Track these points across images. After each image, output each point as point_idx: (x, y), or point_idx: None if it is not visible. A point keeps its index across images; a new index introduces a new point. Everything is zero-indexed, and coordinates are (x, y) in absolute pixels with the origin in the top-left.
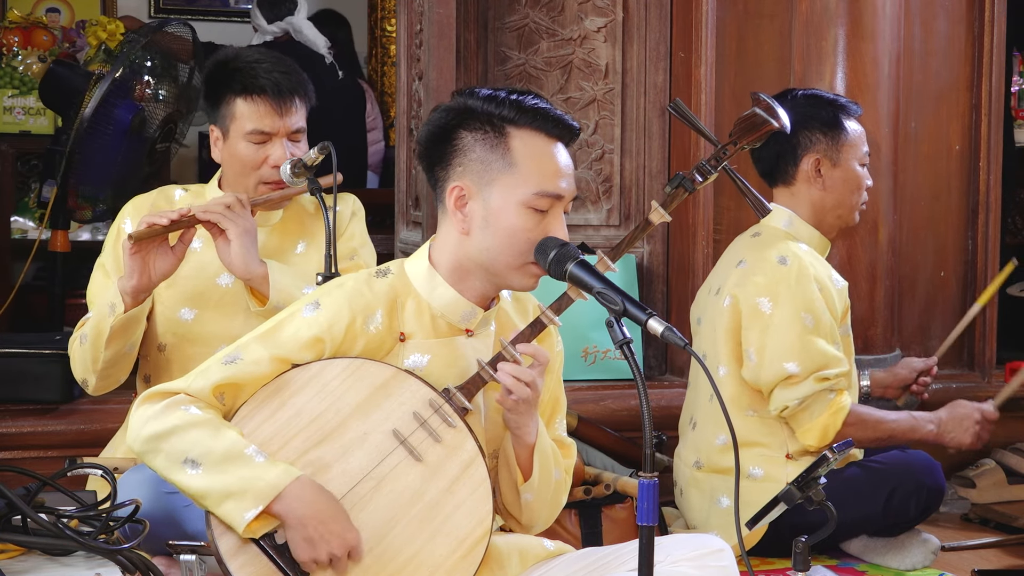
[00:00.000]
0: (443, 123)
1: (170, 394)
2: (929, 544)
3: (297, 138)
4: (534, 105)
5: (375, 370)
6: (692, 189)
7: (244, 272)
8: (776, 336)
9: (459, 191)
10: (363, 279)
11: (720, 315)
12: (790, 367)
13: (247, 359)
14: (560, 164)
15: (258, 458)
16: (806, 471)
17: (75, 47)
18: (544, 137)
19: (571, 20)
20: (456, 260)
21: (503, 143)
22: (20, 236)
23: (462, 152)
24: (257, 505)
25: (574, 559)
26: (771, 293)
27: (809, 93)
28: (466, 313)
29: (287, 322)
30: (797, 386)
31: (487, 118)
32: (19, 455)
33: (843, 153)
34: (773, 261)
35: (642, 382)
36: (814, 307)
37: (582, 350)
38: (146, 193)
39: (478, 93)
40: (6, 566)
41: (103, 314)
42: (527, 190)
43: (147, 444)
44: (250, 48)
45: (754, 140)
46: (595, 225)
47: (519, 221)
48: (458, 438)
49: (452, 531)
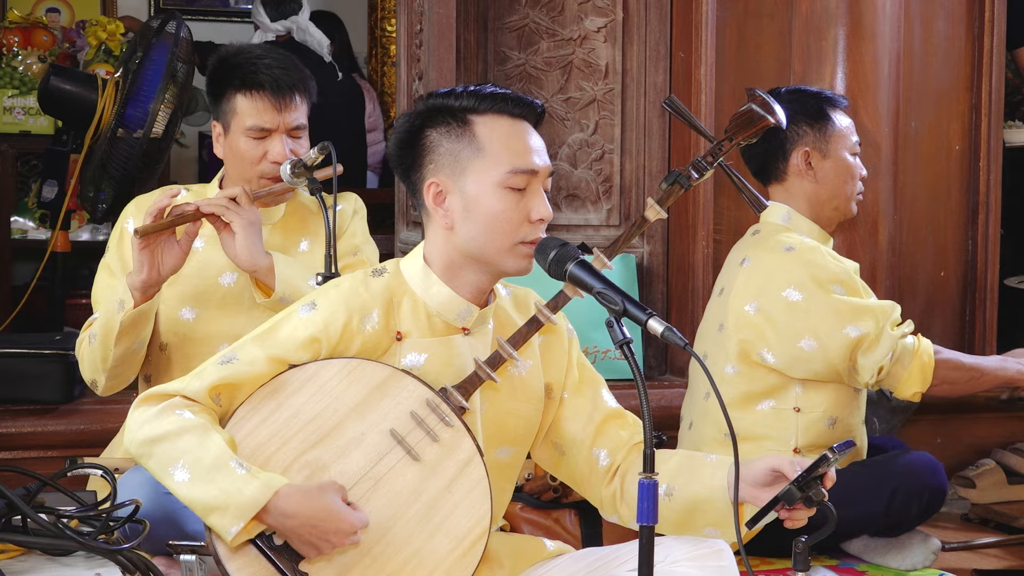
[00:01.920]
0: (408, 127)
1: (167, 396)
2: (929, 544)
3: (297, 134)
4: (491, 91)
5: (372, 370)
6: (688, 186)
7: (250, 264)
8: (822, 313)
9: (435, 187)
10: (359, 279)
11: (737, 317)
12: (852, 331)
13: (243, 359)
14: (528, 141)
15: (239, 471)
16: (806, 471)
17: (75, 47)
18: (507, 118)
19: (571, 20)
20: (447, 257)
21: (468, 131)
22: (20, 236)
23: (431, 150)
24: (239, 521)
25: (574, 559)
26: (793, 281)
27: (793, 88)
28: (462, 311)
29: (283, 323)
30: (877, 344)
31: (449, 112)
32: (19, 455)
33: (832, 144)
34: (780, 252)
35: (642, 382)
36: (838, 277)
37: (582, 350)
38: (147, 193)
39: (436, 93)
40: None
41: (112, 311)
42: (499, 170)
43: (142, 448)
44: (254, 44)
45: (750, 136)
46: (595, 225)
47: (498, 204)
48: (456, 437)
49: (451, 530)
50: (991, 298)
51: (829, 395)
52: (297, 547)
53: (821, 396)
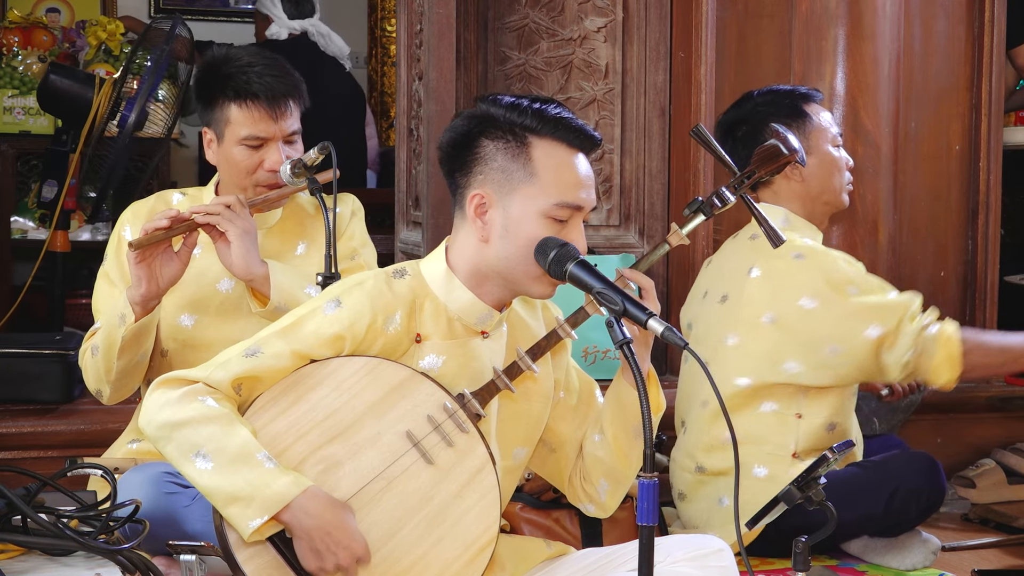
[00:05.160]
0: (465, 130)
1: (189, 382)
2: (929, 544)
3: (292, 140)
4: (556, 115)
5: (392, 370)
6: (711, 215)
7: (245, 273)
8: (840, 318)
9: (480, 199)
10: (382, 279)
11: (753, 330)
12: (872, 332)
13: (268, 352)
14: (580, 175)
15: (268, 464)
16: (806, 471)
17: (75, 47)
18: (565, 147)
19: (571, 20)
20: (474, 266)
21: (524, 153)
22: (20, 236)
23: (483, 160)
24: (263, 515)
25: (574, 560)
26: (808, 289)
27: (765, 90)
28: (482, 316)
29: (308, 318)
30: (897, 341)
31: (509, 127)
32: (19, 455)
33: (813, 140)
34: (789, 260)
35: (642, 382)
36: (852, 278)
37: (582, 350)
38: (144, 199)
39: (501, 101)
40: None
41: (113, 325)
42: (547, 200)
43: (160, 431)
44: (241, 48)
45: (772, 170)
46: (595, 225)
47: (538, 231)
48: (470, 443)
49: (460, 535)
50: (991, 298)
51: (833, 401)
52: (302, 552)
53: (824, 402)
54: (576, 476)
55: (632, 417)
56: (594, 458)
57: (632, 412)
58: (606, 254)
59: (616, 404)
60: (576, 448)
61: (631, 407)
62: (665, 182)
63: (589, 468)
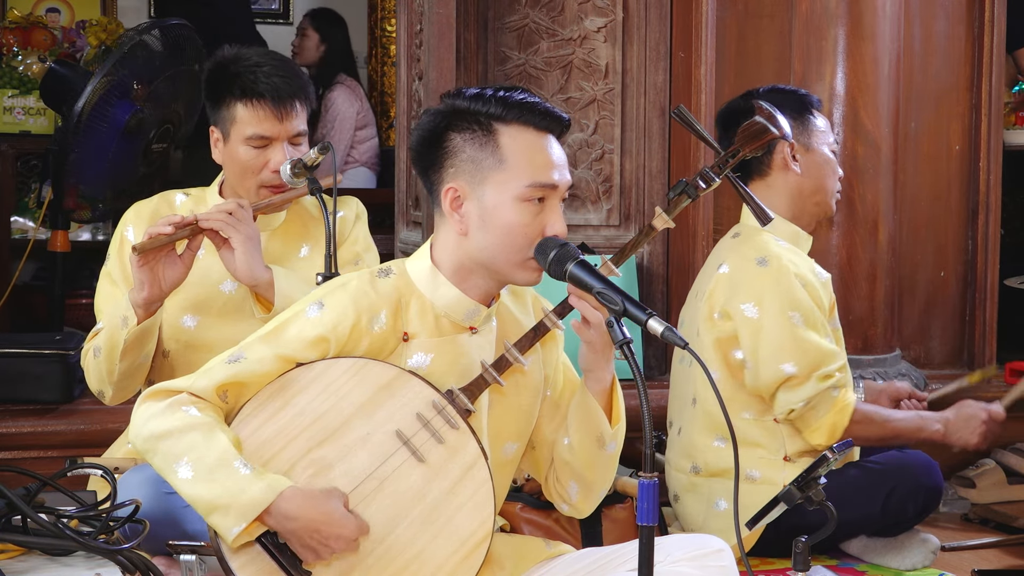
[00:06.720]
0: (432, 127)
1: (173, 392)
2: (929, 544)
3: (298, 141)
4: (520, 100)
5: (379, 370)
6: (695, 196)
7: (249, 279)
8: (767, 339)
9: (453, 192)
10: (366, 279)
11: (707, 323)
12: (788, 368)
13: (251, 358)
14: (551, 155)
15: (243, 470)
16: (806, 471)
17: (75, 47)
18: (533, 130)
19: (571, 20)
20: (458, 260)
21: (492, 140)
22: (20, 236)
23: (453, 154)
24: (240, 522)
25: (574, 559)
26: (755, 297)
27: (769, 88)
28: (470, 311)
29: (291, 322)
30: (800, 387)
31: (474, 117)
32: (19, 455)
33: (813, 138)
34: (752, 263)
35: (642, 382)
36: (800, 304)
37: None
38: (147, 199)
39: (464, 93)
40: (6, 566)
41: (116, 327)
42: (519, 183)
43: (147, 443)
44: (251, 49)
45: (756, 148)
46: (595, 225)
47: (515, 216)
48: (461, 439)
49: (454, 532)
50: (991, 298)
51: None
52: (297, 550)
53: None
54: (552, 475)
55: (595, 426)
56: (562, 461)
57: (596, 421)
58: (606, 254)
59: (581, 411)
60: (552, 448)
61: (595, 415)
62: (665, 182)
63: (559, 470)
